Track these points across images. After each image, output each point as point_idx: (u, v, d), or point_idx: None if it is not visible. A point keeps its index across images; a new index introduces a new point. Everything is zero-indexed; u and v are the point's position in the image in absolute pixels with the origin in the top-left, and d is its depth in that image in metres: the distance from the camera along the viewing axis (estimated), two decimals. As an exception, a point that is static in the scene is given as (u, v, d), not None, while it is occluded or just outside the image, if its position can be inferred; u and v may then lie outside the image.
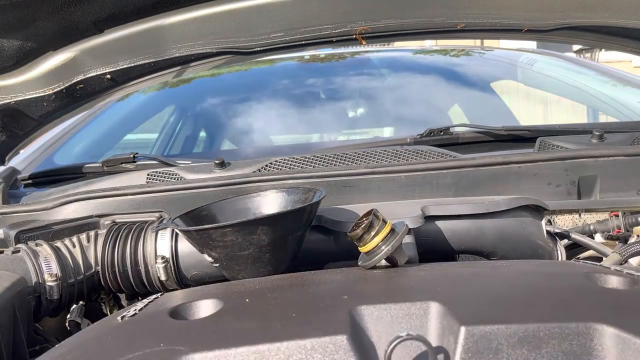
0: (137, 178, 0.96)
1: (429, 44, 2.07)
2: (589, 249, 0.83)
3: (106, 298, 0.82)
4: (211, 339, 0.42)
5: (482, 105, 1.56)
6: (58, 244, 0.74)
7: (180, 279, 0.74)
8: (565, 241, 0.81)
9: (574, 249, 0.86)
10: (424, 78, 1.61)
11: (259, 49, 0.87)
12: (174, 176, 0.94)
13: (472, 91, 1.59)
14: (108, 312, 0.83)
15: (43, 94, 0.87)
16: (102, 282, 0.75)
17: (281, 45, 0.86)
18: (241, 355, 0.40)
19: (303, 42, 0.87)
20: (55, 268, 0.71)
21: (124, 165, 1.13)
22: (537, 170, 0.85)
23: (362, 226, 0.56)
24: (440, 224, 0.73)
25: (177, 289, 0.74)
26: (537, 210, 0.76)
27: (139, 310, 0.53)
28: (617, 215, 0.81)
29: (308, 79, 1.61)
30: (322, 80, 1.60)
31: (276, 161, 0.94)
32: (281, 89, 1.59)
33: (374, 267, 0.57)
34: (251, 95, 1.58)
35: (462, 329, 0.40)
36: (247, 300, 0.51)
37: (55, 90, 0.87)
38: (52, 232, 0.80)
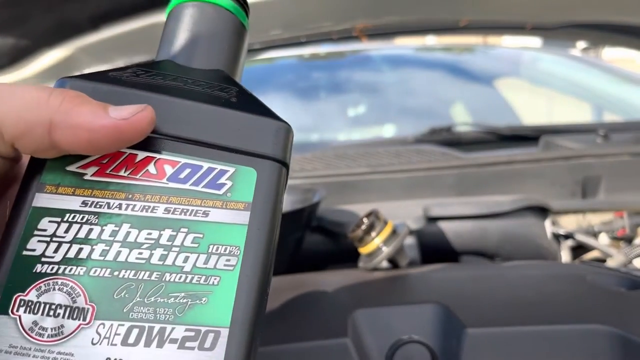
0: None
1: (431, 41, 2.06)
2: (593, 250, 0.82)
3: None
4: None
5: (485, 104, 1.55)
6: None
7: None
8: (570, 242, 0.80)
9: (578, 249, 0.85)
10: (426, 76, 1.60)
11: (257, 46, 0.87)
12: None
13: (475, 89, 1.58)
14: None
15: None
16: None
17: (281, 42, 0.86)
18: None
19: (303, 39, 0.86)
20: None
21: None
22: (541, 170, 0.84)
23: (363, 227, 0.55)
24: (442, 224, 0.72)
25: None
26: (541, 211, 0.75)
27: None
28: (622, 216, 0.80)
29: (308, 78, 1.60)
30: (322, 79, 1.59)
31: (276, 161, 0.93)
32: (280, 88, 1.58)
33: (375, 269, 0.57)
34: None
35: (466, 332, 0.39)
36: None
37: (52, 88, 0.87)
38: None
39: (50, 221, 0.21)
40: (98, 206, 0.22)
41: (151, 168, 0.22)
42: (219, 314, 0.21)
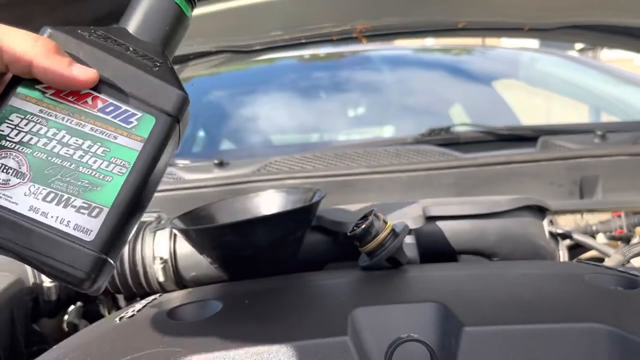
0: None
1: (430, 42, 2.07)
2: (591, 250, 0.82)
3: (104, 299, 0.82)
4: (210, 341, 0.41)
5: (483, 104, 1.55)
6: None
7: (179, 280, 0.74)
8: (567, 242, 0.81)
9: (576, 249, 0.85)
10: (424, 77, 1.60)
11: (258, 47, 0.87)
12: (173, 176, 0.93)
13: (473, 90, 1.58)
14: (106, 313, 0.82)
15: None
16: (100, 282, 0.75)
17: (281, 43, 0.86)
18: (240, 357, 0.39)
19: (303, 40, 0.86)
20: (53, 268, 0.70)
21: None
22: (539, 170, 0.84)
23: (363, 227, 0.56)
24: (441, 224, 0.73)
25: (175, 290, 0.73)
26: (539, 211, 0.76)
27: (137, 311, 0.52)
28: (619, 216, 0.81)
29: (308, 78, 1.60)
30: (322, 79, 1.60)
31: (276, 161, 0.93)
32: (281, 88, 1.58)
33: (375, 268, 0.57)
34: (250, 95, 1.57)
35: (464, 330, 0.40)
36: (246, 301, 0.50)
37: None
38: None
39: (17, 116, 0.34)
40: (49, 115, 0.34)
41: (89, 100, 0.35)
42: (105, 198, 0.33)
